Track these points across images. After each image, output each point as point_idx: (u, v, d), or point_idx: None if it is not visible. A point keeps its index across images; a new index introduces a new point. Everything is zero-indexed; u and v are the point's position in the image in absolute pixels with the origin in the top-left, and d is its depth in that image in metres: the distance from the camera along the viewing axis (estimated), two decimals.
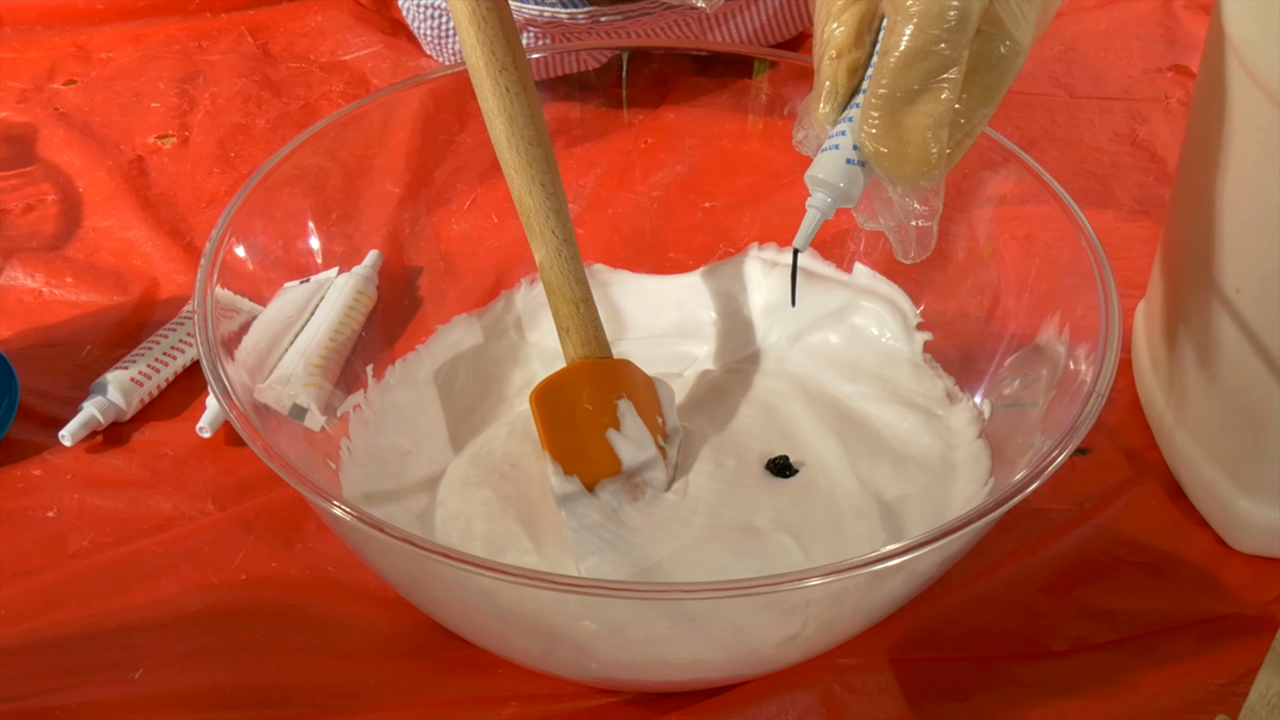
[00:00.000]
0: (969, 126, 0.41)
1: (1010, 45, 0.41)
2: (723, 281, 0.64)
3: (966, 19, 0.39)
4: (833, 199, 0.43)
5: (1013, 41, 0.41)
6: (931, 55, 0.39)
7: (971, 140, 0.42)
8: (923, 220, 0.44)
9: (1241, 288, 0.51)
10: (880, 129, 0.41)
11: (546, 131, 0.51)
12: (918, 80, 0.40)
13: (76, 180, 0.74)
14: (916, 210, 0.43)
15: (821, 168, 0.43)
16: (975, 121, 0.42)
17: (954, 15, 0.39)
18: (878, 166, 0.42)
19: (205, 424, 0.59)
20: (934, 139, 0.40)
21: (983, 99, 0.41)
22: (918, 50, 0.39)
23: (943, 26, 0.39)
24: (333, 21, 0.87)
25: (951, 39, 0.39)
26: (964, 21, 0.39)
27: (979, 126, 0.42)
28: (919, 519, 0.52)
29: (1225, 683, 0.50)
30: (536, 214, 0.51)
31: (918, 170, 0.41)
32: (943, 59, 0.39)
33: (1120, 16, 0.90)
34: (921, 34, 0.39)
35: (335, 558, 0.54)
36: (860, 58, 0.42)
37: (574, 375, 0.53)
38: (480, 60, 0.49)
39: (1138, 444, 0.60)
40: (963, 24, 0.39)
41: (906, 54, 0.39)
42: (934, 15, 0.39)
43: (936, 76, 0.40)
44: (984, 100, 0.41)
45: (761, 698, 0.48)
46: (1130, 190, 0.75)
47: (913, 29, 0.39)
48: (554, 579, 0.39)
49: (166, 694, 0.49)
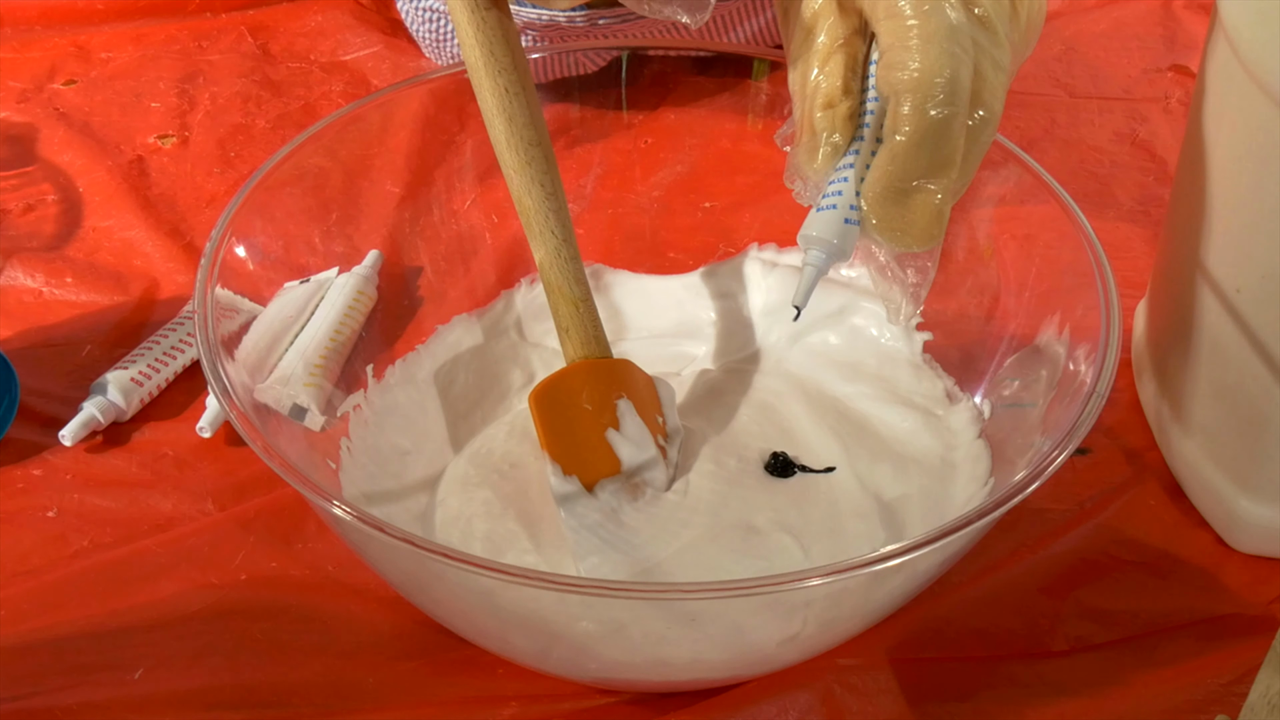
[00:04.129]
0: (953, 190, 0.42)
1: (982, 116, 0.41)
2: (722, 282, 0.64)
3: (962, 88, 0.39)
4: (829, 256, 0.44)
5: (987, 112, 0.41)
6: (937, 133, 0.40)
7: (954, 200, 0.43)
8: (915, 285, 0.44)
9: (1241, 288, 0.51)
10: (886, 204, 0.41)
11: (546, 132, 0.51)
12: (927, 160, 0.40)
13: (76, 180, 0.74)
14: (911, 279, 0.44)
15: (818, 226, 0.43)
16: (957, 188, 0.42)
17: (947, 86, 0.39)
18: (882, 238, 0.42)
19: (205, 424, 0.59)
20: (937, 218, 0.41)
21: (962, 170, 0.42)
22: (922, 129, 0.40)
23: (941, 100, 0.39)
24: (333, 21, 0.87)
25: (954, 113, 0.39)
26: (959, 91, 0.39)
27: (961, 190, 0.43)
28: (919, 519, 0.52)
29: (1225, 683, 0.50)
30: (536, 214, 0.51)
31: (920, 242, 0.42)
32: (949, 137, 0.40)
33: (1120, 16, 0.90)
34: (922, 112, 0.39)
35: (335, 558, 0.54)
36: (853, 105, 0.43)
37: (573, 375, 0.53)
38: (479, 61, 0.49)
39: (1138, 444, 0.60)
40: (958, 94, 0.39)
41: (914, 133, 0.40)
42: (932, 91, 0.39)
43: (945, 155, 0.40)
44: (964, 171, 0.42)
45: (761, 698, 0.48)
46: (1130, 190, 0.75)
47: (911, 107, 0.39)
48: (554, 579, 0.39)
49: (166, 694, 0.49)
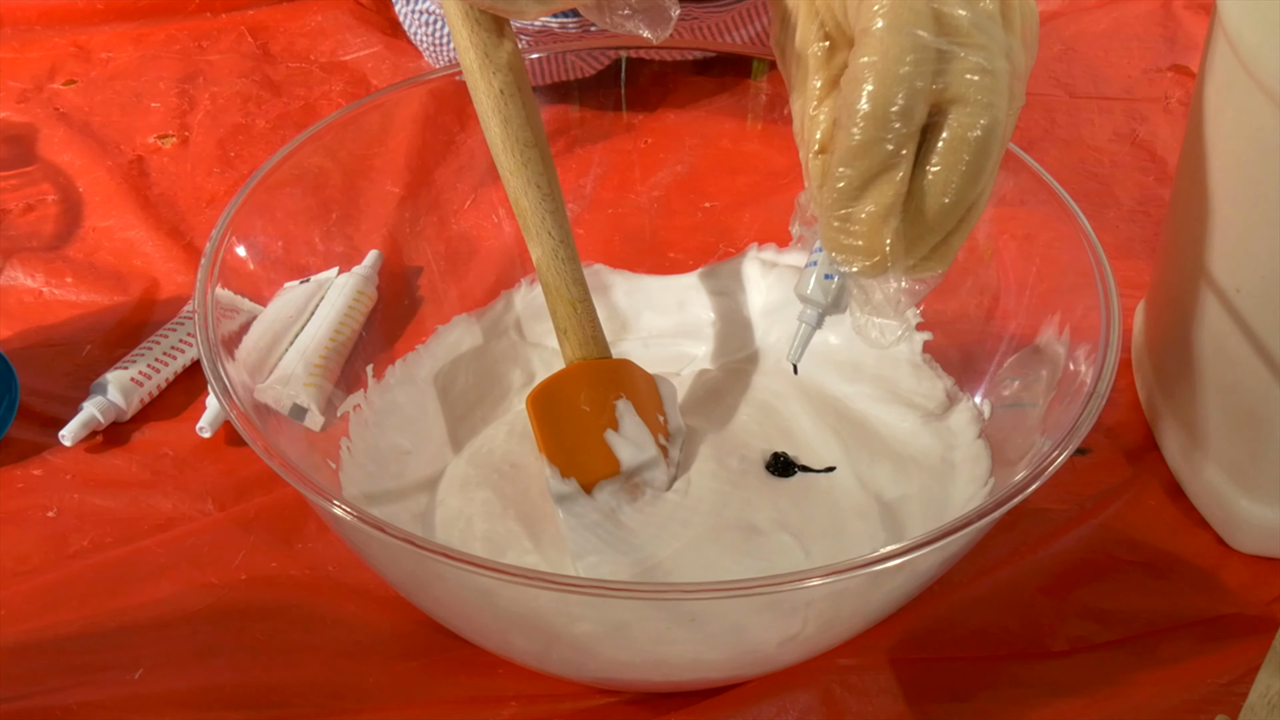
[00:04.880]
0: (960, 208, 0.41)
1: (985, 125, 0.40)
2: (722, 282, 0.64)
3: (905, 114, 0.39)
4: (820, 313, 0.46)
5: (988, 120, 0.40)
6: (864, 152, 0.40)
7: (972, 220, 0.43)
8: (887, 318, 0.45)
9: (1241, 288, 0.51)
10: (839, 224, 0.42)
11: (543, 133, 0.51)
12: (862, 175, 0.40)
13: (76, 180, 0.74)
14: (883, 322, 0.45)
15: (808, 286, 0.46)
16: (969, 199, 0.41)
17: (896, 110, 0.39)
18: (841, 262, 0.43)
19: (205, 424, 0.59)
20: (885, 227, 0.41)
21: (969, 177, 0.41)
22: (849, 149, 0.40)
23: (864, 125, 0.40)
24: (333, 21, 0.87)
25: (878, 136, 0.40)
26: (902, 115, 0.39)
27: (977, 201, 0.42)
28: (919, 519, 0.52)
29: (1225, 683, 0.50)
30: (533, 215, 0.51)
31: (873, 264, 0.42)
32: (879, 154, 0.40)
33: (1120, 16, 0.90)
34: (862, 131, 0.40)
35: (335, 558, 0.54)
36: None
37: (571, 377, 0.53)
38: (474, 63, 0.49)
39: (1138, 444, 0.60)
40: (888, 119, 0.39)
41: (851, 150, 0.40)
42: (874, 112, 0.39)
43: (882, 169, 0.40)
44: (971, 178, 0.41)
45: (761, 698, 0.48)
46: (1130, 190, 0.75)
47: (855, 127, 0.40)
48: (554, 579, 0.39)
49: (166, 694, 0.49)
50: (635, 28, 0.46)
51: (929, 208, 0.41)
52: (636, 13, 0.46)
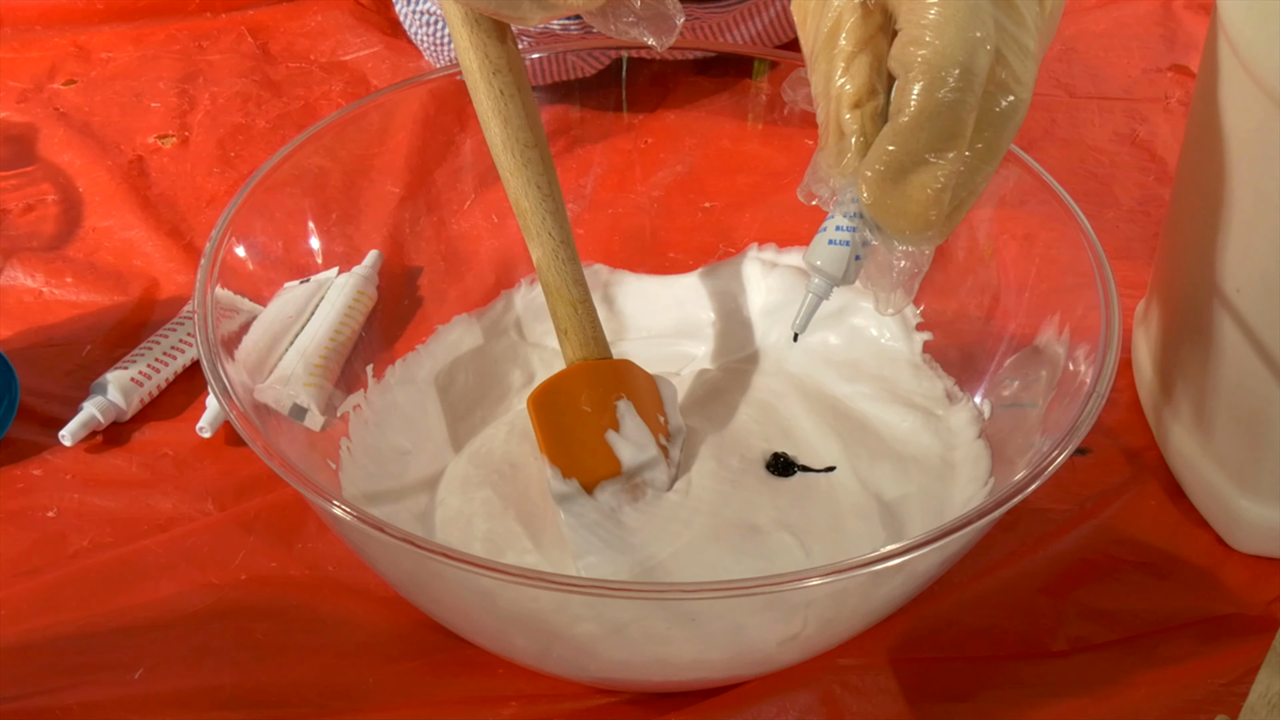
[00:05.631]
0: (972, 185, 0.41)
1: (1012, 102, 0.40)
2: (722, 282, 0.64)
3: (976, 76, 0.38)
4: (831, 285, 0.44)
5: (1015, 98, 0.40)
6: (942, 116, 0.38)
7: (974, 198, 0.42)
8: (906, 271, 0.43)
9: (1241, 288, 0.51)
10: (883, 185, 0.40)
11: (543, 133, 0.51)
12: (927, 142, 0.39)
13: (76, 180, 0.74)
14: (901, 266, 0.43)
15: (824, 258, 0.43)
16: (978, 180, 0.41)
17: (960, 73, 0.38)
18: (878, 221, 0.41)
19: (205, 424, 0.59)
20: (934, 202, 0.40)
21: (985, 156, 0.40)
22: (928, 110, 0.38)
23: (952, 86, 0.38)
24: (333, 21, 0.87)
25: (962, 99, 0.38)
26: (973, 79, 0.38)
27: (982, 184, 0.41)
28: (919, 519, 0.52)
29: (1225, 683, 0.50)
30: (533, 216, 0.51)
31: (914, 229, 0.41)
32: (954, 120, 0.39)
33: (1120, 16, 0.90)
34: (930, 94, 0.38)
35: (335, 558, 0.54)
36: (881, 103, 0.41)
37: (571, 378, 0.53)
38: (474, 63, 0.49)
39: (1138, 444, 0.60)
40: (972, 82, 0.38)
41: (918, 114, 0.38)
42: (943, 74, 0.38)
43: (947, 138, 0.39)
44: (986, 158, 0.40)
45: (761, 698, 0.48)
46: (1130, 190, 0.75)
47: (921, 88, 0.38)
48: (554, 579, 0.39)
49: (166, 694, 0.49)
50: (640, 35, 0.45)
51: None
52: (641, 20, 0.45)
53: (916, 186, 0.40)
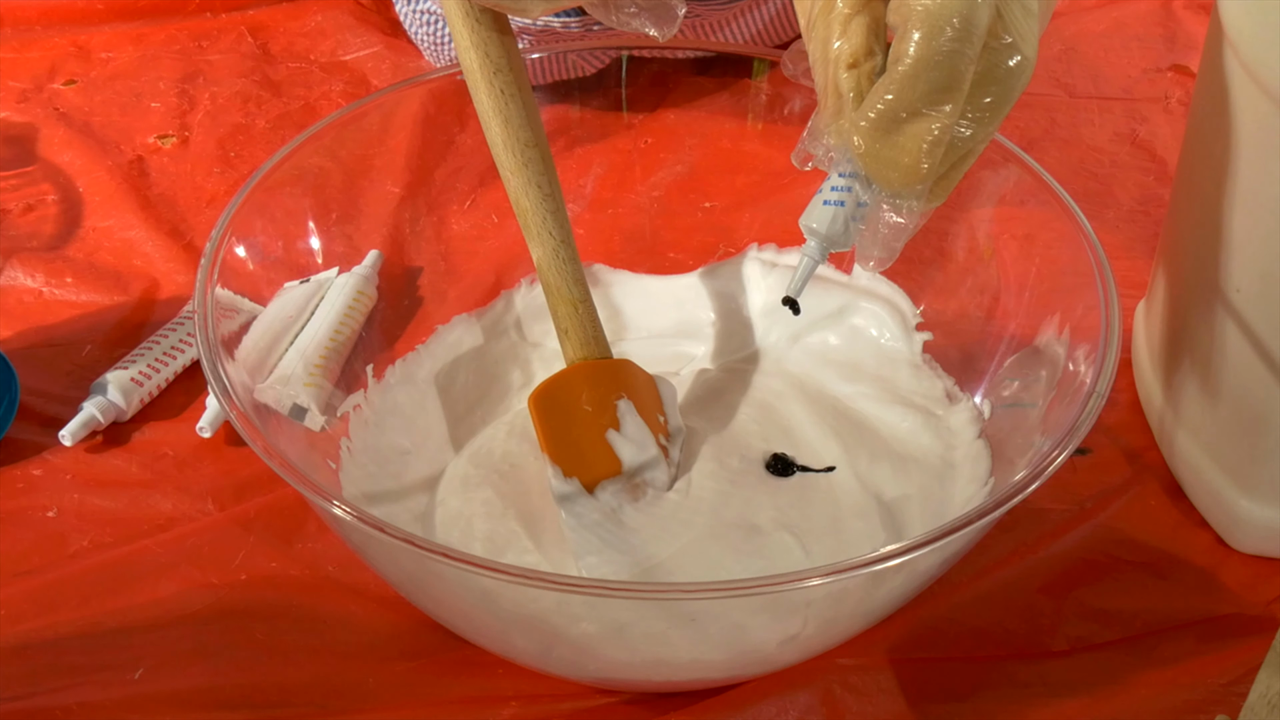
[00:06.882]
0: (971, 144, 0.40)
1: (1019, 61, 0.39)
2: (722, 282, 0.64)
3: (976, 28, 0.38)
4: (824, 245, 0.43)
5: (1022, 57, 0.39)
6: (940, 66, 0.38)
7: (973, 159, 0.41)
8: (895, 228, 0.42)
9: (1241, 288, 0.51)
10: (877, 134, 0.40)
11: (543, 132, 0.51)
12: (924, 92, 0.39)
13: (76, 180, 0.74)
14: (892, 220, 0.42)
15: (820, 219, 0.43)
16: (977, 139, 0.40)
17: (959, 24, 0.38)
18: (868, 171, 0.41)
19: (205, 424, 0.59)
20: (928, 155, 0.39)
21: (986, 116, 0.40)
22: (926, 59, 0.38)
23: (951, 36, 0.38)
24: (333, 21, 0.87)
25: (960, 50, 0.38)
26: (972, 31, 0.38)
27: (981, 145, 0.41)
28: (919, 519, 0.52)
29: (1225, 683, 0.50)
30: (533, 215, 0.51)
31: (905, 181, 0.40)
32: (952, 71, 0.38)
33: (1120, 16, 0.90)
34: (929, 44, 0.38)
35: (335, 558, 0.54)
36: (878, 64, 0.41)
37: (572, 377, 0.53)
38: (475, 63, 0.49)
39: (1138, 444, 0.60)
40: (971, 33, 0.38)
41: (915, 63, 0.38)
42: (942, 25, 0.38)
43: (944, 89, 0.38)
44: (988, 118, 0.40)
45: (761, 698, 0.48)
46: (1130, 190, 0.75)
47: (920, 37, 0.38)
48: (554, 579, 0.39)
49: (166, 694, 0.49)
50: (641, 26, 0.45)
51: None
52: (643, 10, 0.45)
53: (910, 137, 0.39)
